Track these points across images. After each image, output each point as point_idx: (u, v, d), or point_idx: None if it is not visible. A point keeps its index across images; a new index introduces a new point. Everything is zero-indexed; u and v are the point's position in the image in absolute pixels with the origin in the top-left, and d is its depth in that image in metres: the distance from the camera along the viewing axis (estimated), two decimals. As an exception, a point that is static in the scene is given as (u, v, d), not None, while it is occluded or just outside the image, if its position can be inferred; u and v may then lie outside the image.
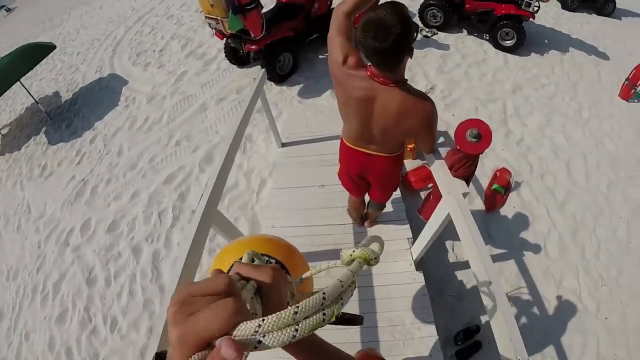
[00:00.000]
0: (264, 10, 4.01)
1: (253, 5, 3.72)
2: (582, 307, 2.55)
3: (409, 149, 3.30)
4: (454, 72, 4.61)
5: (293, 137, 3.45)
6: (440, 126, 3.66)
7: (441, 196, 1.54)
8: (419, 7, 5.32)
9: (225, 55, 4.89)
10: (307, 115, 3.95)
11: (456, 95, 4.22)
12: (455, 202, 1.37)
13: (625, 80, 4.72)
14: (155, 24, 7.00)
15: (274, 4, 4.59)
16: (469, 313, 2.51)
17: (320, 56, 5.02)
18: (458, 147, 1.63)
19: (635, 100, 4.70)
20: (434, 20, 5.31)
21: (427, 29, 5.33)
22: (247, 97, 2.33)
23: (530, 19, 4.81)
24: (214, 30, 4.43)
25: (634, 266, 2.77)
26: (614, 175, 3.48)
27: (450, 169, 1.58)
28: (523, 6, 4.74)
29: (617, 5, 7.19)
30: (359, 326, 1.82)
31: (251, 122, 4.03)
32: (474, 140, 1.56)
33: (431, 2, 5.14)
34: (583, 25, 6.43)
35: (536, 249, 2.90)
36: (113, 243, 3.27)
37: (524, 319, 2.50)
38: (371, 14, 1.13)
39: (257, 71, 4.82)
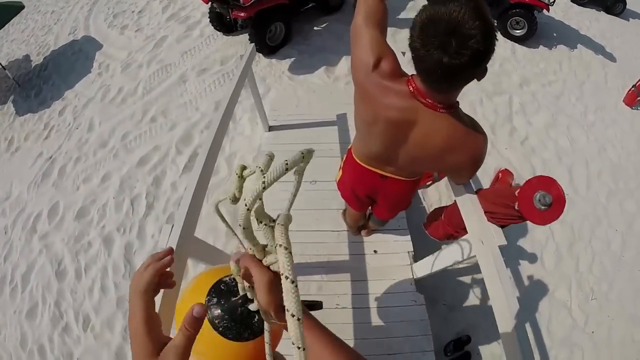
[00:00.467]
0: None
1: None
2: (571, 321, 2.52)
3: None
4: None
5: (282, 119, 3.12)
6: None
7: (462, 229, 1.29)
8: None
9: (210, 21, 4.40)
10: (298, 94, 3.61)
11: None
12: (491, 256, 1.12)
13: (632, 87, 4.59)
14: (136, -18, 6.34)
15: None
16: (461, 323, 2.41)
17: (316, 28, 4.59)
18: (517, 208, 1.22)
19: (639, 108, 4.62)
20: None
21: None
22: (230, 70, 1.95)
23: (544, 11, 4.53)
24: None
25: (624, 281, 2.77)
26: (614, 185, 3.45)
27: (486, 211, 1.26)
28: None
29: (627, 6, 6.99)
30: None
31: (236, 98, 3.69)
32: (543, 208, 1.15)
33: None
34: (592, 22, 6.21)
35: (532, 258, 2.81)
36: (83, 232, 2.98)
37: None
38: (440, 9, 0.75)
39: (244, 40, 4.37)
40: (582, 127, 3.94)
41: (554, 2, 4.48)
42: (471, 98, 3.81)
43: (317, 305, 0.69)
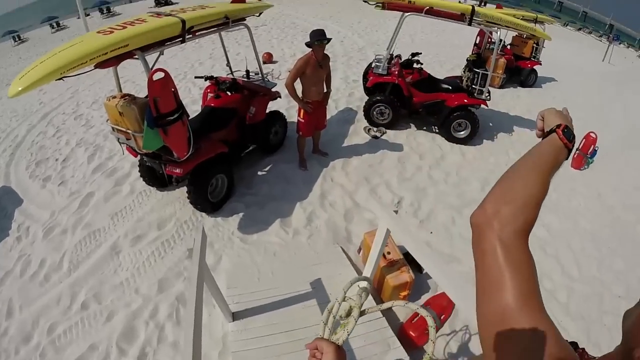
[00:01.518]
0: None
1: (176, 116, 2.85)
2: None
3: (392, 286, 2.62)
4: (416, 177, 4.19)
5: (245, 300, 2.57)
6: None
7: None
8: (364, 106, 4.92)
9: (141, 175, 3.89)
10: (256, 261, 3.07)
11: (427, 207, 3.75)
12: None
13: (577, 150, 4.83)
14: (62, 124, 5.93)
15: (200, 110, 3.82)
16: None
17: (260, 172, 4.17)
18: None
19: (586, 167, 4.94)
20: (381, 118, 4.93)
21: (375, 128, 4.92)
22: (170, 235, 1.74)
23: (482, 106, 4.68)
24: (124, 146, 3.37)
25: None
26: (598, 253, 3.54)
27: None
28: (476, 94, 4.59)
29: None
30: None
31: (182, 273, 3.10)
32: None
33: (378, 98, 4.76)
34: (515, 100, 6.82)
35: None
36: None
37: None
38: None
39: (182, 196, 3.80)
40: (550, 209, 3.94)
41: (489, 96, 4.68)
42: (441, 219, 3.61)
43: None
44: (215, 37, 3.80)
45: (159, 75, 2.74)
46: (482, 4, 4.84)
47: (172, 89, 2.87)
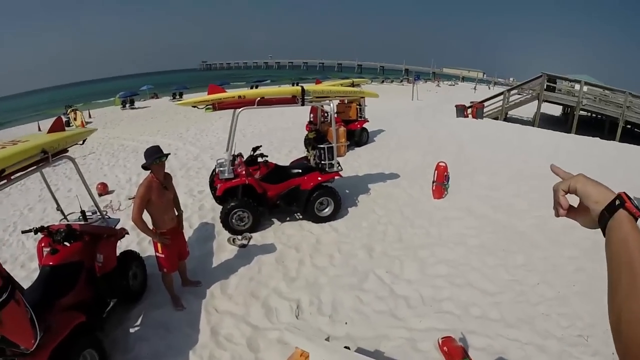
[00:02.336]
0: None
1: (5, 296, 2.00)
2: None
3: None
4: (303, 273, 3.75)
5: None
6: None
7: None
8: (220, 216, 4.43)
9: None
10: None
11: (326, 298, 3.32)
12: None
13: (433, 183, 5.48)
14: None
15: (37, 275, 2.78)
16: None
17: (133, 329, 3.14)
18: None
19: (446, 193, 5.54)
20: (242, 224, 4.45)
21: (239, 237, 4.38)
22: None
23: (337, 177, 4.75)
24: None
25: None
26: (498, 260, 3.84)
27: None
28: (327, 169, 4.62)
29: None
30: None
31: None
32: None
33: (232, 204, 4.34)
34: (357, 160, 7.49)
35: None
36: None
37: None
38: None
39: None
40: (439, 245, 4.14)
41: (341, 167, 4.79)
42: (347, 305, 3.23)
43: None
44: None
45: None
46: (295, 84, 5.32)
47: None
